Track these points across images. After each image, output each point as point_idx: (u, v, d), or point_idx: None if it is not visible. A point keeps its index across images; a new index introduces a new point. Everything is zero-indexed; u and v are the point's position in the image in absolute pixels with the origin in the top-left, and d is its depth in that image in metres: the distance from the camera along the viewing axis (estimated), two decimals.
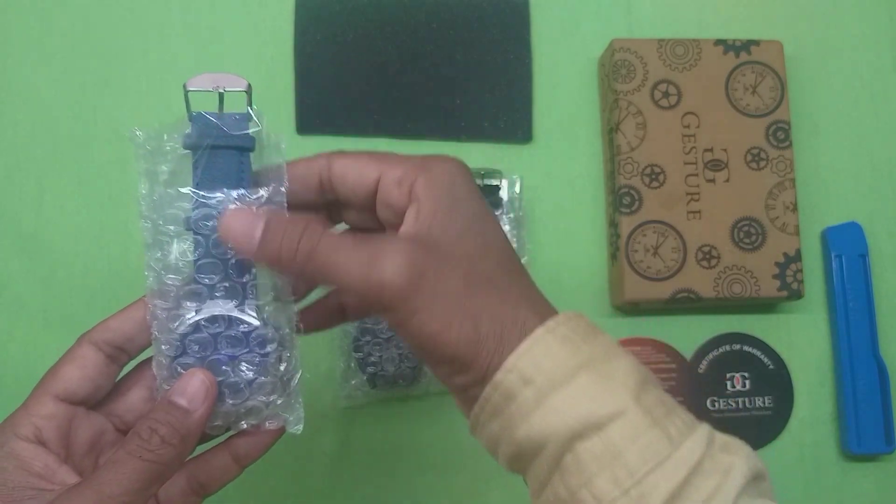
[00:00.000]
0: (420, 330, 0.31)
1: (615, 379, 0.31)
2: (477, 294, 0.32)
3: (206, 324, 0.34)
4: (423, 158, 0.34)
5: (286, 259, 0.32)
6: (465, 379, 0.32)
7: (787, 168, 0.57)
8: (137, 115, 0.58)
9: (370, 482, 0.55)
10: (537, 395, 0.30)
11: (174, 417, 0.33)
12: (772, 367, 0.58)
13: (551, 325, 0.32)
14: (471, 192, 0.34)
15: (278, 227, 0.32)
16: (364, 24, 0.59)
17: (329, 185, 0.36)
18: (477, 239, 0.33)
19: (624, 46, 0.57)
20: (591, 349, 0.31)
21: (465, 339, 0.31)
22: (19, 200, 0.57)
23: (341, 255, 0.32)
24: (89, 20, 0.59)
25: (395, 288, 0.31)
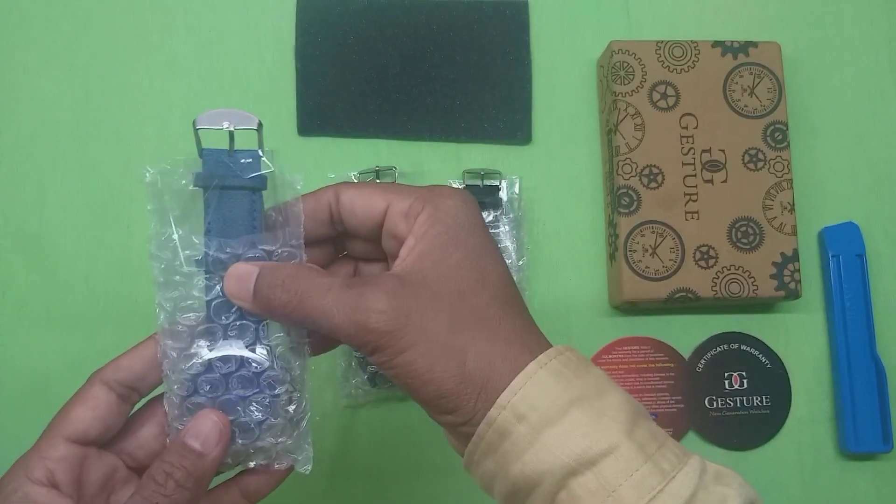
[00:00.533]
0: (405, 370, 0.32)
1: (607, 414, 0.31)
2: (464, 331, 0.32)
3: (217, 364, 0.34)
4: (430, 190, 0.35)
5: (278, 307, 0.33)
6: (453, 418, 0.32)
7: (784, 169, 0.57)
8: (139, 117, 0.58)
9: (370, 482, 0.55)
10: (531, 432, 0.30)
11: (188, 461, 0.33)
12: (769, 367, 0.58)
13: (543, 359, 0.32)
14: (474, 226, 0.34)
15: (268, 277, 0.33)
16: (365, 26, 0.59)
17: (338, 217, 0.36)
18: (472, 273, 0.33)
19: (622, 48, 0.57)
20: (583, 384, 0.32)
21: (450, 378, 0.31)
22: (22, 201, 0.57)
23: (328, 299, 0.32)
24: (91, 21, 0.59)
25: (379, 330, 0.31)
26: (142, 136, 0.58)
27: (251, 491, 0.37)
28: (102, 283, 0.56)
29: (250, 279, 0.33)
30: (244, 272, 0.34)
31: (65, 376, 0.55)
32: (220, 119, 0.34)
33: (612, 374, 0.57)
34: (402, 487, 0.56)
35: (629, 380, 0.57)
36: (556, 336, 0.58)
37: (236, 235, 0.34)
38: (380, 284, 0.32)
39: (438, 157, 0.59)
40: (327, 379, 0.56)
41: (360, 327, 0.31)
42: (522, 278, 0.57)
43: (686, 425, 0.57)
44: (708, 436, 0.57)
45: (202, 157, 0.35)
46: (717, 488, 0.30)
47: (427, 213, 0.33)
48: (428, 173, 0.59)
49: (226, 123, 0.34)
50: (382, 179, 0.57)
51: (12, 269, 0.56)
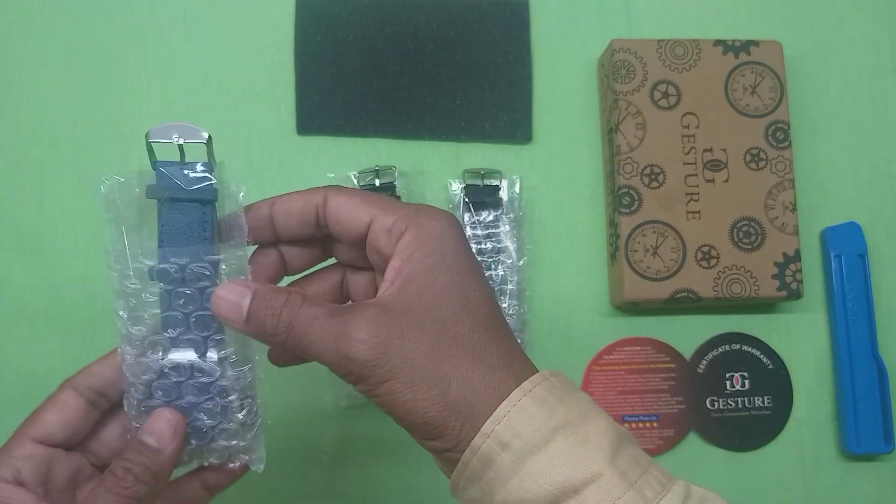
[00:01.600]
0: (388, 399, 0.32)
1: (591, 441, 0.31)
2: (447, 359, 0.32)
3: (169, 371, 0.35)
4: (416, 210, 0.35)
5: (270, 333, 0.33)
6: (439, 444, 0.32)
7: (786, 168, 0.57)
8: (138, 116, 0.58)
9: (370, 482, 0.55)
10: (514, 460, 0.31)
11: (145, 457, 0.34)
12: (771, 367, 0.58)
13: (527, 386, 0.32)
14: (458, 250, 0.34)
15: (263, 301, 0.33)
16: (364, 25, 0.59)
17: (324, 220, 0.36)
18: (457, 299, 0.33)
19: (623, 47, 0.57)
20: (567, 411, 0.32)
21: (434, 405, 0.31)
22: (20, 200, 0.57)
23: (314, 328, 0.32)
24: (90, 20, 0.59)
25: (360, 360, 0.31)
26: (141, 137, 0.57)
27: (211, 484, 0.38)
28: (101, 283, 0.56)
29: (244, 299, 0.33)
30: (237, 292, 0.34)
31: (63, 377, 0.54)
32: (171, 132, 0.35)
33: (613, 375, 0.57)
34: (401, 487, 0.55)
35: (630, 380, 0.57)
36: (557, 336, 0.59)
37: (186, 246, 0.35)
38: (362, 313, 0.32)
39: (438, 157, 0.59)
40: (326, 380, 0.55)
41: (342, 356, 0.32)
42: (523, 278, 0.57)
43: (687, 426, 0.57)
44: (709, 437, 0.57)
45: (155, 169, 0.35)
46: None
47: (411, 234, 0.33)
48: (428, 173, 0.58)
49: (175, 136, 0.35)
50: (382, 179, 0.57)
51: (10, 270, 0.56)
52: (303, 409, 0.55)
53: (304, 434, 0.55)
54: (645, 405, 0.57)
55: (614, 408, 0.57)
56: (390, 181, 0.57)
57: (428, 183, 0.58)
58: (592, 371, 0.57)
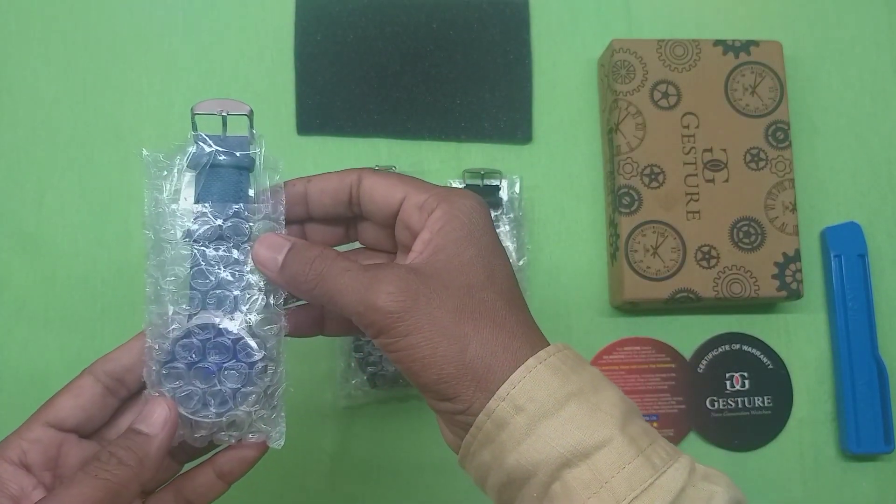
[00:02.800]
0: (408, 353, 0.33)
1: (602, 409, 0.32)
2: (469, 321, 0.33)
3: (196, 330, 0.35)
4: (448, 190, 0.36)
5: (301, 281, 0.35)
6: (452, 405, 0.33)
7: (786, 168, 0.57)
8: (138, 116, 0.58)
9: (370, 482, 0.55)
10: (528, 423, 0.31)
11: (132, 441, 0.34)
12: (771, 367, 0.58)
13: (542, 355, 0.33)
14: (486, 227, 0.35)
15: (298, 252, 0.35)
16: (364, 25, 0.59)
17: (357, 199, 0.38)
18: (483, 270, 0.34)
19: (623, 47, 0.57)
20: (580, 380, 0.32)
21: (451, 362, 0.32)
22: (20, 200, 0.57)
23: (346, 278, 0.34)
24: (90, 20, 0.59)
25: (387, 311, 0.32)
26: (141, 136, 0.58)
27: (226, 471, 0.38)
28: (101, 283, 0.56)
29: (281, 251, 0.35)
30: (276, 243, 0.35)
31: (63, 376, 0.54)
32: (216, 106, 0.37)
33: (613, 375, 0.57)
34: (401, 488, 0.55)
35: (630, 380, 0.57)
36: (557, 336, 0.58)
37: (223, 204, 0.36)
38: (393, 270, 0.33)
39: (438, 157, 0.59)
40: (327, 379, 0.55)
41: (369, 306, 0.33)
42: (523, 278, 0.56)
43: (687, 426, 0.57)
44: (709, 436, 0.57)
45: (195, 139, 0.37)
46: (705, 485, 0.31)
47: (443, 209, 0.35)
48: (428, 172, 0.58)
49: (219, 109, 0.37)
50: None
51: (11, 269, 0.56)
52: (303, 409, 0.55)
53: (305, 434, 0.55)
54: (645, 405, 0.57)
55: None
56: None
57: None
58: None
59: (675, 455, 0.32)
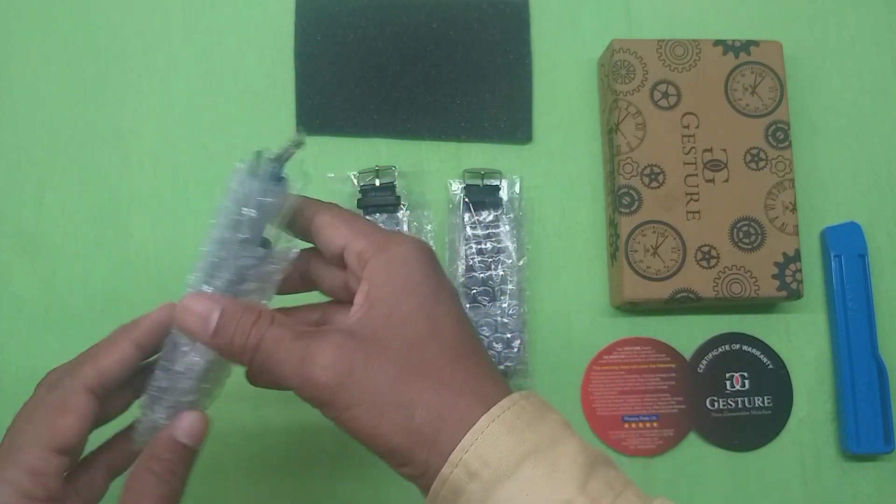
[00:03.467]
0: (353, 425, 0.32)
1: (561, 467, 0.30)
2: (412, 384, 0.32)
3: None
4: (387, 236, 0.35)
5: (237, 350, 0.33)
6: (408, 471, 0.32)
7: (786, 168, 0.57)
8: (138, 116, 0.58)
9: (370, 482, 0.55)
10: (484, 489, 0.30)
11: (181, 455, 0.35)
12: (771, 367, 0.58)
13: (495, 412, 0.31)
14: (426, 273, 0.34)
15: (233, 317, 0.33)
16: (364, 25, 0.59)
17: (313, 235, 0.37)
18: (424, 323, 0.33)
19: (623, 47, 0.57)
20: (536, 436, 0.31)
21: (398, 431, 0.31)
22: (20, 200, 0.57)
23: (280, 349, 0.32)
24: (90, 20, 0.59)
25: (323, 385, 0.32)
26: (141, 136, 0.58)
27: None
28: (101, 283, 0.56)
29: (211, 317, 0.33)
30: (204, 309, 0.33)
31: None
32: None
33: (613, 375, 0.57)
34: (401, 488, 0.55)
35: (630, 380, 0.57)
36: (557, 336, 0.59)
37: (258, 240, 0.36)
38: (327, 338, 0.32)
39: (438, 157, 0.59)
40: None
41: (305, 380, 0.32)
42: (523, 278, 0.57)
43: (687, 426, 0.57)
44: (709, 437, 0.57)
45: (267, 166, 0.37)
46: None
47: (378, 260, 0.34)
48: (428, 173, 0.58)
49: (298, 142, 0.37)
50: (382, 179, 0.57)
51: (10, 270, 0.56)
52: (303, 409, 0.55)
53: (305, 433, 0.55)
54: (645, 405, 0.57)
55: (614, 408, 0.57)
56: (390, 181, 0.57)
57: (428, 183, 0.58)
58: (592, 371, 0.57)
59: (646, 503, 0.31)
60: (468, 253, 0.56)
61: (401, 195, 0.56)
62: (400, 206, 0.56)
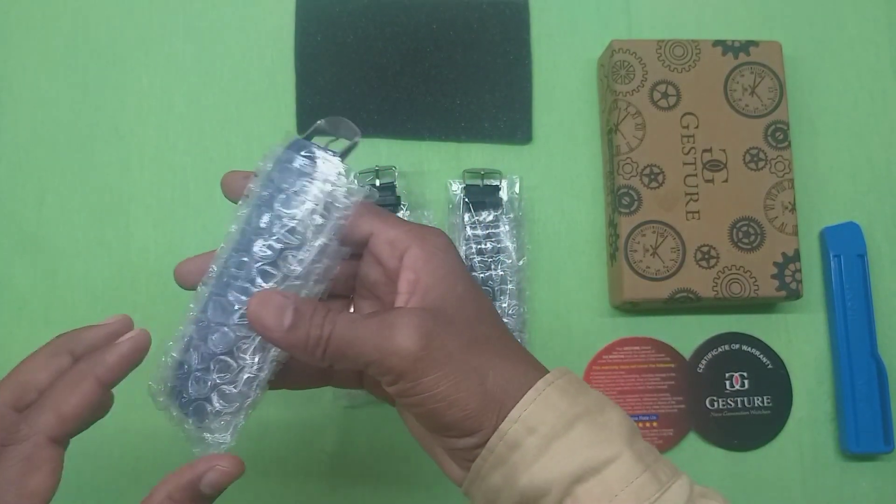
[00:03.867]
0: (430, 394, 0.33)
1: (609, 428, 0.33)
2: (480, 353, 0.34)
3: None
4: (420, 226, 0.36)
5: (312, 346, 0.33)
6: (474, 440, 0.33)
7: (785, 168, 0.57)
8: (138, 116, 0.58)
9: (370, 482, 0.55)
10: (540, 444, 0.32)
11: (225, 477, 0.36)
12: (770, 367, 0.58)
13: (550, 377, 0.34)
14: (461, 264, 0.36)
15: (306, 312, 0.33)
16: (364, 26, 0.59)
17: None
18: (473, 305, 0.35)
19: (623, 47, 0.57)
20: (587, 400, 0.34)
21: (474, 396, 0.33)
22: (21, 200, 0.57)
23: (357, 330, 0.33)
24: (91, 21, 0.59)
25: (406, 353, 0.32)
26: (141, 136, 0.58)
27: None
28: (102, 282, 0.56)
29: (286, 311, 0.33)
30: (278, 304, 0.33)
31: None
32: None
33: (613, 375, 0.57)
34: (401, 487, 0.55)
35: (630, 380, 0.57)
36: (557, 336, 0.59)
37: None
38: (404, 312, 0.33)
39: (438, 157, 0.59)
40: None
41: (385, 352, 0.32)
42: (523, 278, 0.57)
43: (687, 426, 0.57)
44: (709, 436, 0.57)
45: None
46: (704, 501, 0.33)
47: (419, 247, 0.35)
48: (428, 173, 0.58)
49: None
50: (382, 179, 0.57)
51: (12, 269, 0.56)
52: (303, 409, 0.55)
53: (305, 434, 0.55)
54: (645, 405, 0.57)
55: None
56: (390, 181, 0.57)
57: (428, 183, 0.58)
58: (592, 371, 0.57)
59: (677, 473, 0.34)
60: (468, 253, 0.56)
61: (401, 195, 0.57)
62: (400, 206, 0.56)
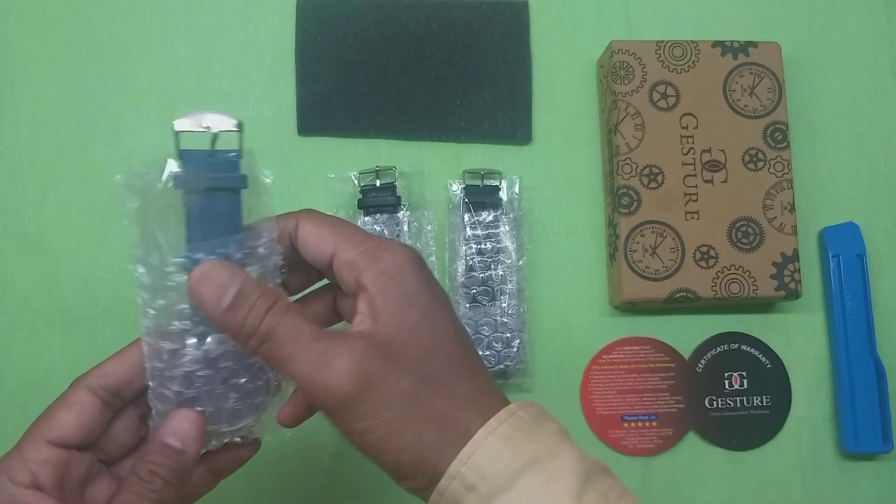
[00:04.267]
0: (362, 437, 0.31)
1: (557, 479, 0.30)
2: (425, 400, 0.31)
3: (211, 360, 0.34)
4: (378, 244, 0.34)
5: (246, 335, 0.32)
6: (412, 485, 0.32)
7: (784, 168, 0.57)
8: (139, 116, 0.58)
9: (370, 481, 0.55)
10: (481, 503, 0.30)
11: (171, 460, 0.34)
12: (769, 367, 0.58)
13: (493, 424, 0.31)
14: (421, 285, 0.33)
15: (249, 298, 0.32)
16: (365, 26, 0.59)
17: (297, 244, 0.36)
18: (428, 336, 0.32)
19: (623, 48, 0.57)
20: (534, 447, 0.31)
21: (408, 449, 0.31)
22: (22, 200, 0.57)
23: (296, 346, 0.31)
24: (91, 21, 0.59)
25: (341, 394, 0.31)
26: (142, 136, 0.58)
27: (220, 469, 0.38)
28: (103, 282, 0.56)
29: (227, 291, 0.32)
30: (221, 280, 0.32)
31: (65, 376, 0.54)
32: (201, 121, 0.34)
33: (613, 374, 0.57)
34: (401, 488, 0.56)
35: (629, 380, 0.57)
36: (557, 336, 0.59)
37: (219, 236, 0.34)
38: (348, 345, 0.31)
39: (438, 157, 0.59)
40: None
41: (320, 387, 0.31)
42: (522, 278, 0.57)
43: (686, 425, 0.57)
44: (708, 436, 0.57)
45: (181, 158, 0.34)
46: None
47: (373, 271, 0.33)
48: (428, 173, 0.59)
49: (205, 125, 0.34)
50: (382, 179, 0.57)
51: (12, 269, 0.56)
52: None
53: (305, 433, 0.55)
54: (644, 404, 0.57)
55: (613, 407, 0.57)
56: (391, 181, 0.57)
57: (428, 183, 0.58)
58: (592, 370, 0.57)
59: None
60: (468, 253, 0.56)
61: (401, 195, 0.57)
62: (400, 207, 0.56)
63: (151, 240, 0.33)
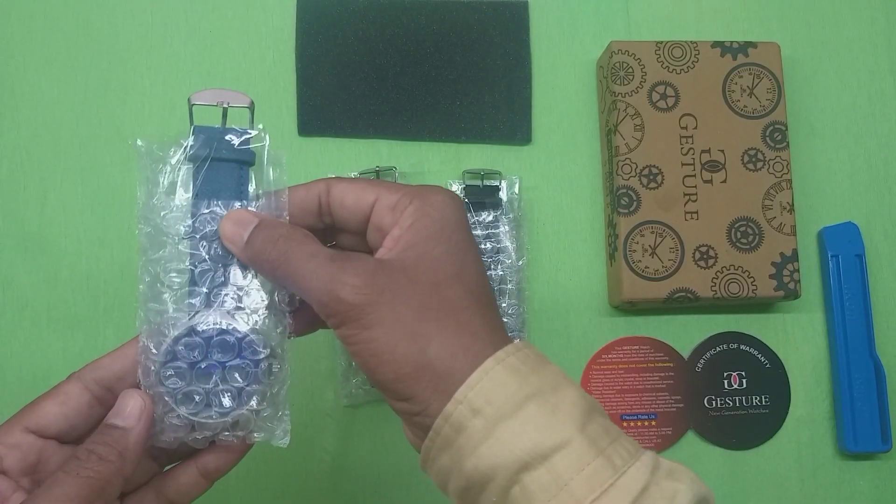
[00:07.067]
0: (367, 347, 0.32)
1: (561, 409, 0.31)
2: (432, 320, 0.32)
3: (199, 328, 0.35)
4: (421, 187, 0.35)
5: (265, 262, 0.34)
6: (409, 406, 0.32)
7: (783, 169, 0.57)
8: (140, 117, 0.58)
9: (371, 480, 0.55)
10: (486, 426, 0.31)
11: (110, 437, 0.33)
12: (769, 366, 0.58)
13: (501, 355, 0.32)
14: (458, 223, 0.35)
15: (265, 231, 0.34)
16: (365, 27, 0.59)
17: (327, 208, 0.37)
18: (451, 268, 0.34)
19: (622, 48, 0.58)
20: (539, 380, 0.32)
21: (408, 361, 0.32)
22: (23, 200, 0.57)
23: (311, 264, 0.33)
24: (92, 22, 0.59)
25: (349, 302, 0.32)
26: (143, 136, 0.58)
27: (211, 469, 0.37)
28: (103, 282, 0.56)
29: (247, 227, 0.35)
30: (244, 218, 0.35)
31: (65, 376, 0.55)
32: (215, 96, 0.36)
33: (612, 374, 0.57)
34: (402, 486, 0.56)
35: (629, 379, 0.57)
36: (556, 336, 0.59)
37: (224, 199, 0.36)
38: (360, 261, 0.33)
39: (438, 157, 0.59)
40: (327, 379, 0.56)
41: (332, 296, 0.32)
42: (522, 278, 0.57)
43: (685, 425, 0.57)
44: (707, 435, 0.57)
45: (194, 132, 0.36)
46: (668, 483, 0.31)
47: (415, 206, 0.34)
48: (428, 173, 0.59)
49: (219, 100, 0.36)
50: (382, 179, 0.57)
51: (13, 269, 0.56)
52: (304, 408, 0.56)
53: (306, 432, 0.56)
54: (643, 404, 0.57)
55: (613, 406, 0.57)
56: None
57: (428, 183, 0.58)
58: (591, 370, 0.57)
59: (637, 453, 0.32)
60: None
61: None
62: None
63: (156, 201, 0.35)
